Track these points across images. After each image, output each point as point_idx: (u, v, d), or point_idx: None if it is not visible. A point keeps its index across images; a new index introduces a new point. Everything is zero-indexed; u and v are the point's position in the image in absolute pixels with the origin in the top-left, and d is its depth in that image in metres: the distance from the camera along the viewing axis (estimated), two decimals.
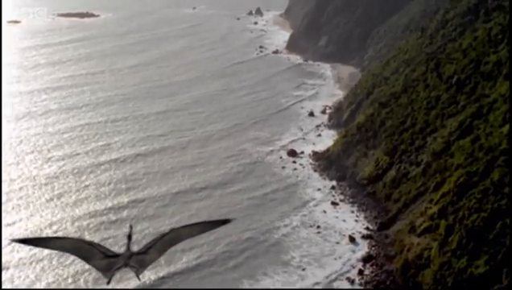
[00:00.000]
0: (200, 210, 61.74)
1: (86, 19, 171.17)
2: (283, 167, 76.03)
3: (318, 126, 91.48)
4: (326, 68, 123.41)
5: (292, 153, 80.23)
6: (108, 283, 8.98)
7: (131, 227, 9.42)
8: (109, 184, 69.67)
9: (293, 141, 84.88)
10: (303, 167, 76.02)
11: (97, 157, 76.97)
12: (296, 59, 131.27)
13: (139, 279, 9.17)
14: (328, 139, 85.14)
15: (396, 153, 66.47)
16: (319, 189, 69.91)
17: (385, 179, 65.21)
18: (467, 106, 61.93)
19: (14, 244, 53.63)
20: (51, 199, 65.56)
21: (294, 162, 77.71)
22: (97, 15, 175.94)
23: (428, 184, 58.18)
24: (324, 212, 64.63)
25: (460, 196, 50.40)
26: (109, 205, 64.50)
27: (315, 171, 75.17)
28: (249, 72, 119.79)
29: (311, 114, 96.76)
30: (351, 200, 66.71)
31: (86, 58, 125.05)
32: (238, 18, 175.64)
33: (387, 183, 64.30)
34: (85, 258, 8.93)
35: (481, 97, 60.99)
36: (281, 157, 79.27)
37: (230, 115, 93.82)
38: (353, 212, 64.35)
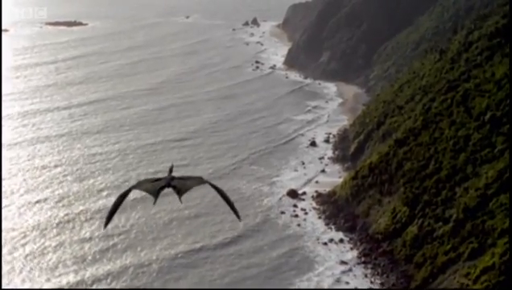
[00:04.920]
0: (201, 279, 52.45)
1: (74, 28, 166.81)
2: (282, 213, 66.46)
3: (321, 159, 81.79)
4: (328, 88, 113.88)
5: (293, 194, 70.56)
6: (154, 203, 10.19)
7: (172, 165, 10.83)
8: (90, 240, 59.63)
9: (294, 179, 75.21)
10: (306, 214, 66.34)
11: (73, 205, 66.65)
12: (295, 76, 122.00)
13: (181, 200, 10.09)
14: (333, 176, 75.62)
15: (417, 204, 56.67)
16: (324, 244, 60.09)
17: (404, 236, 55.48)
18: (505, 151, 52.08)
19: None
20: (26, 256, 56.30)
21: (295, 205, 68.11)
22: (85, 24, 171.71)
23: (461, 250, 48.60)
24: (332, 275, 54.89)
25: (511, 277, 40.63)
26: (87, 274, 54.24)
27: (319, 218, 65.42)
28: (247, 94, 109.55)
29: (313, 144, 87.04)
30: (363, 259, 56.85)
31: (74, 82, 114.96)
32: (234, 29, 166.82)
33: (408, 241, 54.62)
34: (137, 186, 10.51)
35: None
36: (280, 199, 69.94)
37: (229, 149, 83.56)
38: (366, 275, 54.59)
